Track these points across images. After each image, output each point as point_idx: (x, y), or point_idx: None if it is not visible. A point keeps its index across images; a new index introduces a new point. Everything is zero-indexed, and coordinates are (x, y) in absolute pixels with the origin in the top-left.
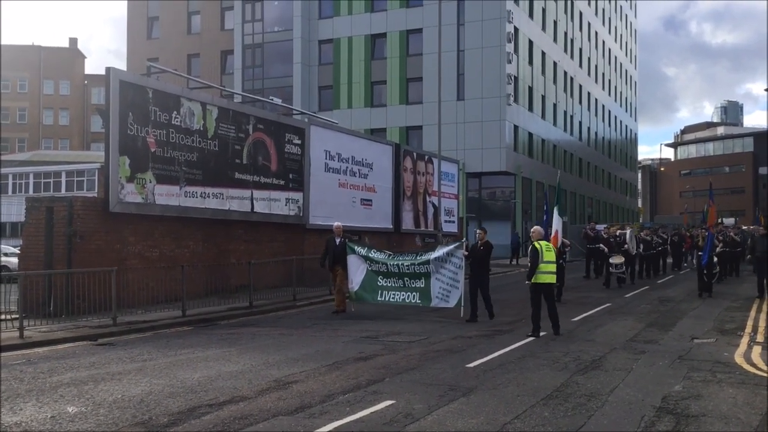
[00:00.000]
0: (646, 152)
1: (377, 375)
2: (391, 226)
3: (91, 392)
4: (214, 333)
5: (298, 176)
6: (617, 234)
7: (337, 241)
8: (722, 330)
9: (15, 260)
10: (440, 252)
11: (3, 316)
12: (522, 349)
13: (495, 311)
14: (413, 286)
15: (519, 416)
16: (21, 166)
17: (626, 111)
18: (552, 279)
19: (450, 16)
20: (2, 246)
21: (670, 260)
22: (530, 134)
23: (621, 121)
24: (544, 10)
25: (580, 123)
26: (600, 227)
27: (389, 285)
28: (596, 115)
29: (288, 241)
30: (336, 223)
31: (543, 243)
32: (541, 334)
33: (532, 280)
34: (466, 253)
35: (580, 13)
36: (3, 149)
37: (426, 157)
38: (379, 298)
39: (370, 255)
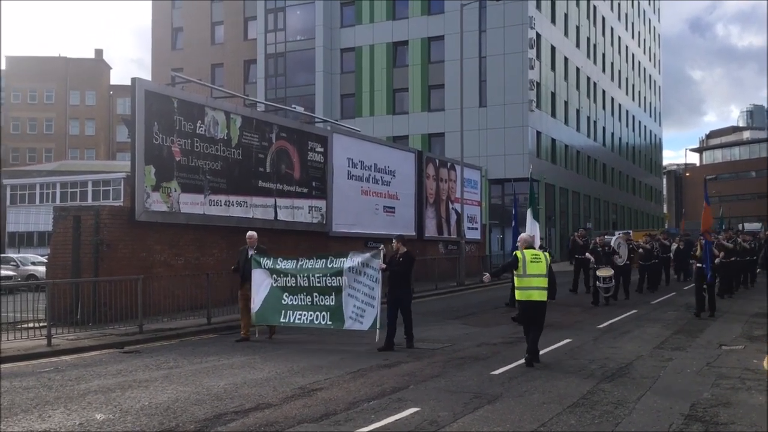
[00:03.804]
0: (672, 157)
1: (402, 382)
2: (414, 233)
3: (118, 399)
4: (239, 339)
5: (321, 184)
6: (608, 242)
7: (250, 253)
8: (751, 337)
9: (43, 269)
10: (354, 261)
11: (31, 324)
12: (547, 356)
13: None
14: (323, 304)
15: (545, 424)
16: (48, 176)
17: (650, 116)
18: (542, 296)
19: (472, 22)
20: (30, 255)
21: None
22: (553, 140)
23: (645, 126)
24: (566, 16)
25: (604, 128)
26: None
27: (295, 303)
28: (620, 120)
29: (311, 248)
30: (250, 232)
31: (529, 252)
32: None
33: (517, 297)
34: (384, 265)
35: (603, 18)
36: (30, 159)
37: (448, 164)
38: (282, 320)
39: (277, 266)
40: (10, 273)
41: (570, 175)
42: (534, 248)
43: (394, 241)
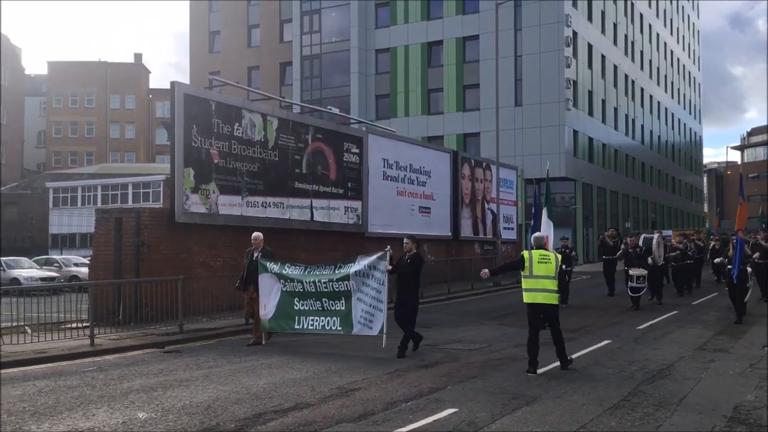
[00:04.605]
0: (713, 155)
1: (439, 383)
2: (450, 234)
3: (160, 398)
4: (276, 340)
5: (357, 185)
6: (639, 244)
7: (255, 255)
8: None
9: (85, 270)
10: (361, 265)
11: (75, 325)
12: (586, 357)
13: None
14: (333, 309)
15: (585, 426)
16: (89, 179)
17: (690, 113)
18: (549, 299)
19: (507, 21)
20: (73, 256)
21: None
22: (590, 139)
23: (684, 124)
24: (603, 13)
25: (642, 126)
26: (667, 234)
27: (306, 309)
28: (658, 118)
29: (347, 249)
30: (255, 233)
31: (537, 252)
32: (539, 367)
33: (524, 300)
34: (390, 267)
35: (641, 15)
36: (72, 162)
37: (484, 164)
38: (296, 326)
39: (284, 272)
40: (54, 274)
41: (608, 174)
42: (545, 248)
43: (405, 240)
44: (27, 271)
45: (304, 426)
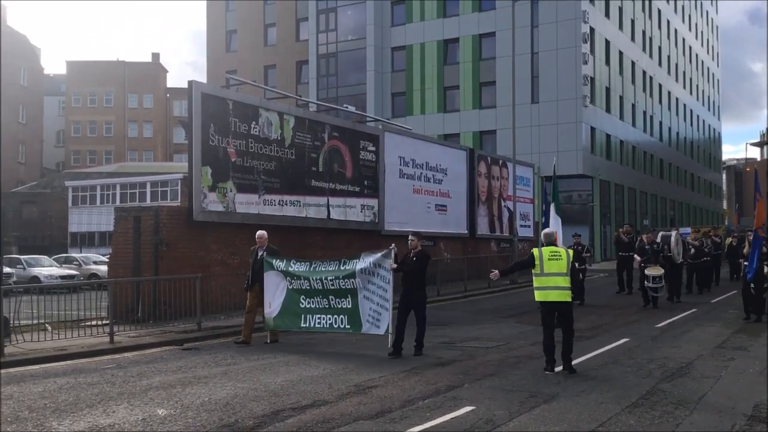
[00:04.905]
0: (732, 152)
1: (456, 381)
2: (466, 231)
3: (179, 395)
4: (293, 338)
5: (373, 183)
6: (657, 240)
7: (260, 254)
8: None
9: (104, 268)
10: (366, 262)
11: (94, 322)
12: (604, 355)
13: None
14: (340, 307)
15: (603, 424)
16: (108, 178)
17: (708, 109)
18: (562, 296)
19: (524, 18)
20: (92, 254)
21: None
22: (608, 136)
23: (703, 120)
24: (620, 9)
25: (660, 123)
26: (685, 232)
27: (313, 307)
28: (677, 114)
29: (364, 247)
30: (260, 232)
31: (548, 249)
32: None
33: (536, 298)
34: (395, 265)
35: (659, 11)
36: (91, 161)
37: (500, 162)
38: (303, 324)
39: (290, 269)
40: (73, 272)
41: (626, 171)
42: (555, 245)
43: (410, 237)
44: (47, 269)
45: (322, 423)
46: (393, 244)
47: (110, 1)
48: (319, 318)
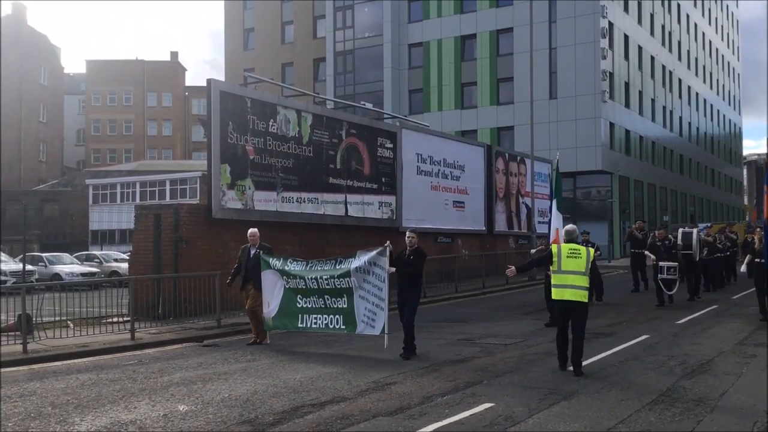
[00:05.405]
0: (753, 147)
1: (475, 377)
2: (484, 228)
3: (199, 391)
4: (312, 335)
5: (391, 180)
6: (669, 237)
7: (252, 252)
8: None
9: (125, 265)
10: (361, 261)
11: (116, 319)
12: (624, 352)
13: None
14: (335, 306)
15: (623, 421)
16: (128, 176)
17: (729, 104)
18: (577, 296)
19: (542, 13)
20: (113, 252)
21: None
22: (627, 131)
23: (724, 115)
24: (639, 4)
25: (680, 118)
26: (704, 227)
27: (309, 306)
28: (697, 109)
29: (381, 244)
30: (251, 230)
31: (567, 246)
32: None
33: (552, 296)
34: (392, 269)
35: (678, 5)
36: (111, 160)
37: (518, 158)
38: (300, 325)
39: (286, 268)
40: (94, 269)
41: (645, 166)
42: (576, 242)
43: (408, 235)
44: (68, 266)
45: (341, 419)
46: (388, 242)
47: (129, 0)
48: (316, 318)
